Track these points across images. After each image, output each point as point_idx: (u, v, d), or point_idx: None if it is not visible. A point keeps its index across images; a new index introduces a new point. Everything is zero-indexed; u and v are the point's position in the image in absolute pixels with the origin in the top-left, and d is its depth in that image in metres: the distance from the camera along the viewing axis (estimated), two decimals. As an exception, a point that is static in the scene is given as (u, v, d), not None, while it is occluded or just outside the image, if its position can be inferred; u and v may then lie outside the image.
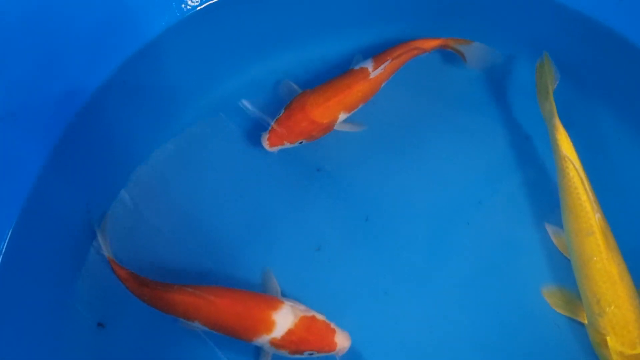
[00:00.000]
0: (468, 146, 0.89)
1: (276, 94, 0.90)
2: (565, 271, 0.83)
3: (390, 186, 0.87)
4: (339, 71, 0.88)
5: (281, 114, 0.83)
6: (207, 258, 0.84)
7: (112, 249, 0.81)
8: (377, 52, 0.89)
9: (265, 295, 0.77)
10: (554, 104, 0.83)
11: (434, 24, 0.92)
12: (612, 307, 0.78)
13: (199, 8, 0.92)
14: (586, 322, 0.80)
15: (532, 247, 0.85)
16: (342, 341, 0.74)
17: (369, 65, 0.85)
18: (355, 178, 0.87)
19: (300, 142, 0.83)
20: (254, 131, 0.88)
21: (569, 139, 0.83)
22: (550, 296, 0.84)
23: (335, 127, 0.85)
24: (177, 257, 0.84)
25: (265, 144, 0.82)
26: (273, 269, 0.81)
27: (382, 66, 0.84)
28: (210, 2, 0.92)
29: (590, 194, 0.80)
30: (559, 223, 0.83)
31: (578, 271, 0.80)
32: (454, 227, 0.85)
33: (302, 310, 0.74)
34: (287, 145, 0.84)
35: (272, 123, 0.83)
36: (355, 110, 0.85)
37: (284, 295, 0.79)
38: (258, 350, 0.78)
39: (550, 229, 0.85)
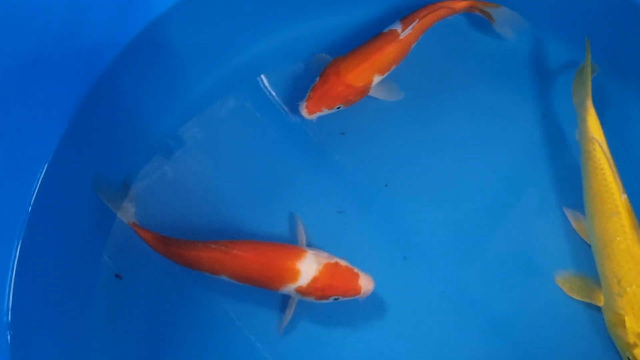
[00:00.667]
0: (489, 119, 0.90)
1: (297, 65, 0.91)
2: (581, 254, 0.84)
3: (410, 154, 0.88)
4: (367, 37, 0.87)
5: (316, 81, 0.83)
6: (230, 221, 0.85)
7: (135, 211, 0.82)
8: (404, 15, 0.88)
9: (288, 245, 0.80)
10: (590, 85, 0.83)
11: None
12: (634, 287, 0.79)
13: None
14: (602, 304, 0.80)
15: (550, 227, 0.86)
16: (365, 284, 0.77)
17: (397, 27, 0.86)
18: (378, 144, 0.88)
19: (338, 107, 0.85)
20: (281, 95, 0.90)
21: (598, 121, 0.83)
22: (564, 283, 0.86)
23: (371, 94, 0.86)
24: (200, 219, 0.85)
25: (304, 112, 0.84)
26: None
27: (411, 26, 0.85)
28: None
29: (617, 176, 0.80)
30: (577, 206, 0.84)
31: (599, 253, 0.81)
32: (472, 201, 0.87)
33: (325, 258, 0.76)
34: (325, 111, 0.85)
35: (308, 91, 0.83)
36: (389, 72, 0.86)
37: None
38: (269, 307, 0.81)
39: (569, 213, 0.86)
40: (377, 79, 0.87)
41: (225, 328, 0.83)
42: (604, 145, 0.81)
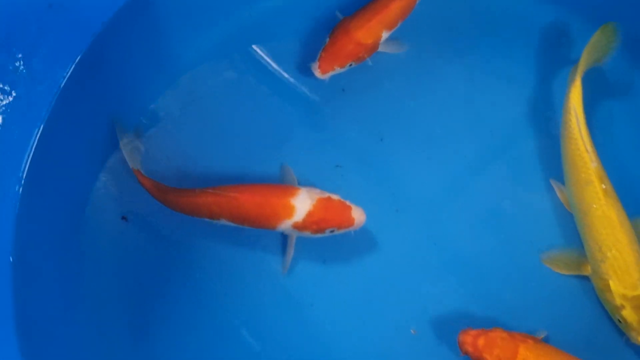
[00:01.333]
0: (489, 81, 0.94)
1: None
2: (568, 226, 0.88)
3: (407, 110, 0.92)
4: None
5: (326, 42, 0.86)
6: (230, 175, 0.89)
7: (142, 160, 0.86)
8: None
9: (281, 184, 0.84)
10: (586, 58, 0.86)
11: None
12: (613, 251, 0.83)
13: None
14: (590, 272, 0.85)
15: (538, 192, 0.90)
16: (358, 216, 0.81)
17: None
18: (375, 100, 0.92)
19: (350, 65, 0.88)
20: (284, 52, 0.93)
21: (580, 94, 0.86)
22: (550, 262, 0.89)
23: (380, 49, 0.88)
24: (202, 172, 0.89)
25: (317, 72, 0.87)
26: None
27: None
28: None
29: (589, 145, 0.84)
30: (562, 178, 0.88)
31: (580, 222, 0.86)
32: (465, 159, 0.91)
33: (318, 193, 0.81)
34: (338, 70, 0.87)
35: (320, 52, 0.86)
36: (396, 28, 0.88)
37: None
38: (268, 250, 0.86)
39: (555, 184, 0.89)
40: (385, 34, 0.89)
41: (226, 272, 0.88)
42: (580, 115, 0.84)
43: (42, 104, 0.84)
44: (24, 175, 0.82)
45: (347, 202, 0.81)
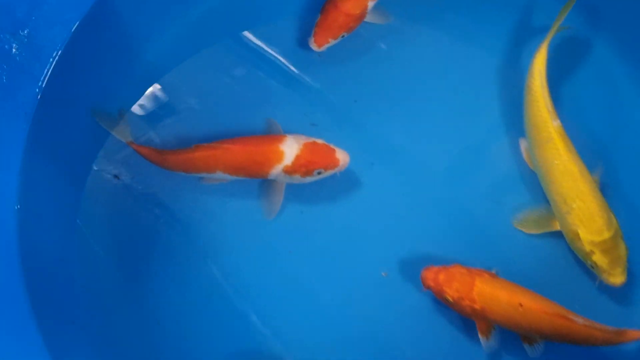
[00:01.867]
0: (454, 50, 1.00)
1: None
2: (533, 185, 0.94)
3: (379, 73, 0.98)
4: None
5: (319, 17, 0.93)
6: (216, 135, 0.94)
7: (131, 131, 0.93)
8: None
9: (270, 134, 0.91)
10: (556, 26, 0.91)
11: None
12: (578, 202, 0.87)
13: None
14: (559, 227, 0.90)
15: (503, 158, 0.96)
16: (342, 157, 0.88)
17: None
18: (350, 64, 0.98)
19: (342, 36, 0.95)
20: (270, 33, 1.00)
21: (544, 59, 0.92)
22: (521, 225, 0.94)
23: (367, 19, 0.96)
24: (190, 134, 0.96)
25: (314, 45, 0.94)
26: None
27: None
28: None
29: (549, 105, 0.89)
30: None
31: (544, 178, 0.91)
32: (434, 116, 0.97)
33: (304, 138, 0.88)
34: (332, 41, 0.95)
35: (314, 27, 0.93)
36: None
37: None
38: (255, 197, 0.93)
39: (523, 143, 0.94)
40: (371, 3, 0.96)
41: (213, 223, 0.94)
42: (543, 79, 0.89)
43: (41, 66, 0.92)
44: (27, 137, 0.91)
45: (331, 145, 0.87)
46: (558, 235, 0.92)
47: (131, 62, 1.00)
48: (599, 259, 0.87)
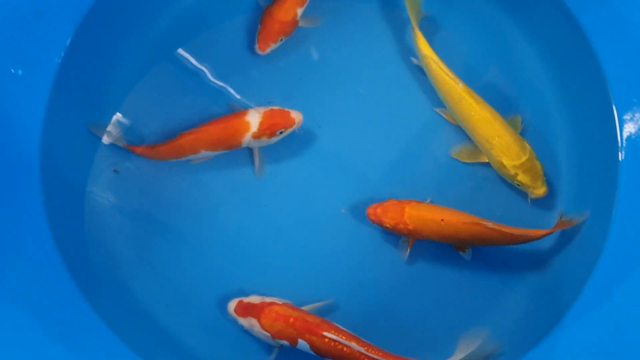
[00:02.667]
0: (371, 38, 1.13)
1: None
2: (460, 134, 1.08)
3: (318, 52, 1.12)
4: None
5: (259, 27, 1.09)
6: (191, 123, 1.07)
7: (123, 136, 1.06)
8: None
9: (235, 112, 1.04)
10: (414, 15, 1.07)
11: None
12: (497, 139, 1.02)
13: None
14: (487, 159, 1.05)
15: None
16: (297, 116, 1.02)
17: None
18: (295, 53, 1.12)
19: (281, 40, 1.09)
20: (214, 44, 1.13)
21: (425, 41, 1.05)
22: (457, 154, 1.07)
23: (300, 24, 1.10)
24: (171, 130, 1.07)
25: (259, 50, 1.08)
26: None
27: None
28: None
29: (451, 74, 1.03)
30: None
31: (466, 128, 1.06)
32: (368, 88, 1.11)
33: (262, 108, 1.03)
34: (273, 45, 1.08)
35: (257, 35, 1.08)
36: (307, 4, 1.11)
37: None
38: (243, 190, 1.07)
39: (439, 110, 1.09)
40: (300, 11, 1.10)
41: (203, 191, 1.06)
42: (435, 58, 1.04)
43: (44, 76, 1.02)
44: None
45: (286, 109, 1.03)
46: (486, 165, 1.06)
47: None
48: (522, 177, 1.01)
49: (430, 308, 1.04)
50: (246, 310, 0.95)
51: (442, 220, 0.98)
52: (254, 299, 0.96)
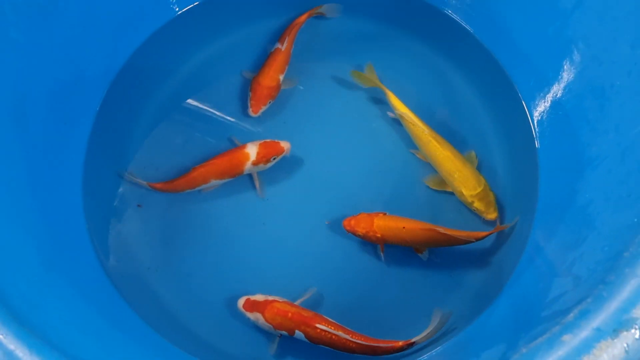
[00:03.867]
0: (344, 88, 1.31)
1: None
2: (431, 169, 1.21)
3: (296, 102, 1.30)
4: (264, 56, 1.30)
5: (250, 94, 1.24)
6: (199, 159, 1.24)
7: (143, 178, 1.20)
8: (278, 34, 1.30)
9: (236, 147, 1.19)
10: (378, 83, 1.24)
11: (302, 7, 1.33)
12: (457, 173, 1.15)
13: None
14: (451, 189, 1.17)
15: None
16: (285, 144, 1.18)
17: (278, 44, 1.27)
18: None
19: (270, 102, 1.25)
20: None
21: (396, 98, 1.22)
22: (429, 182, 1.19)
23: (283, 86, 1.26)
24: (178, 168, 1.24)
25: (252, 113, 1.23)
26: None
27: (285, 40, 1.27)
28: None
29: (419, 122, 1.19)
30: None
31: (434, 165, 1.19)
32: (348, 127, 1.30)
33: (258, 141, 1.18)
34: (264, 107, 1.24)
35: (249, 101, 1.24)
36: (286, 70, 1.27)
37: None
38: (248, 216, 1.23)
39: (414, 152, 1.23)
40: (281, 77, 1.26)
41: (211, 210, 1.20)
42: (407, 111, 1.20)
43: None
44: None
45: (276, 140, 1.18)
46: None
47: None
48: (477, 205, 1.15)
49: (400, 298, 1.16)
50: (252, 306, 1.09)
51: (404, 227, 1.11)
52: (259, 297, 1.09)
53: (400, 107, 1.22)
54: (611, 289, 0.71)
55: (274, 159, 1.19)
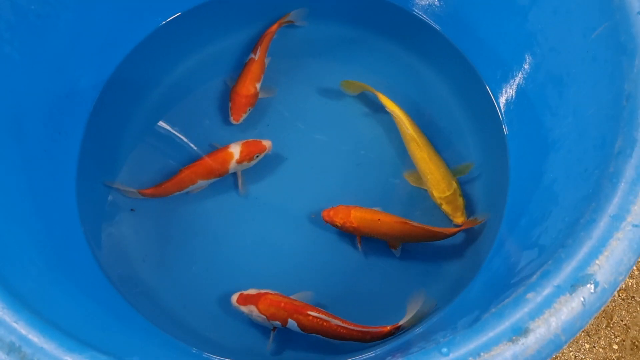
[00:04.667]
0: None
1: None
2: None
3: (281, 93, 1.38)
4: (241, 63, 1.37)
5: (230, 104, 1.30)
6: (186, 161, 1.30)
7: (133, 186, 1.24)
8: (252, 44, 1.36)
9: (220, 148, 1.25)
10: (367, 87, 1.30)
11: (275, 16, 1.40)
12: (429, 174, 1.21)
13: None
14: (427, 187, 1.23)
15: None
16: (267, 143, 1.24)
17: (252, 55, 1.33)
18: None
19: (249, 110, 1.30)
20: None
21: (387, 98, 1.28)
22: (408, 177, 1.25)
23: (260, 95, 1.32)
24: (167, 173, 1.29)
25: (233, 121, 1.29)
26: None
27: (258, 50, 1.33)
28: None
29: (405, 122, 1.25)
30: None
31: (414, 164, 1.25)
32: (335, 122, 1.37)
33: (240, 141, 1.24)
34: (244, 115, 1.29)
35: (229, 110, 1.29)
36: (262, 79, 1.33)
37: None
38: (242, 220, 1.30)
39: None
40: (258, 85, 1.31)
41: (200, 209, 1.25)
42: (398, 112, 1.27)
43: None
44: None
45: (258, 139, 1.24)
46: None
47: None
48: (446, 207, 1.21)
49: (381, 286, 1.22)
50: (246, 299, 1.13)
51: (379, 219, 1.16)
52: (252, 291, 1.14)
53: (390, 105, 1.28)
54: (568, 251, 0.78)
55: (257, 156, 1.25)
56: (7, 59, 1.10)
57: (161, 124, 1.34)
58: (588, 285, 0.77)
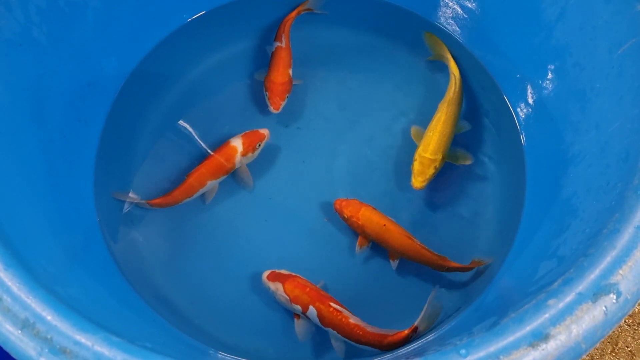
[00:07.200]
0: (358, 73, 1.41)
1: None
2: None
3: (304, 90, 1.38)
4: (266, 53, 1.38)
5: (267, 94, 1.30)
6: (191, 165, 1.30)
7: (141, 197, 1.24)
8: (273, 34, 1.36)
9: (221, 145, 1.26)
10: (444, 48, 1.34)
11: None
12: (429, 133, 1.23)
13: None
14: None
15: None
16: (265, 131, 1.26)
17: (277, 43, 1.34)
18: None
19: (287, 97, 1.31)
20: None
21: (455, 65, 1.31)
22: (414, 130, 1.27)
23: (294, 82, 1.33)
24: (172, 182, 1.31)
25: (273, 110, 1.29)
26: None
27: (282, 37, 1.34)
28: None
29: (456, 86, 1.28)
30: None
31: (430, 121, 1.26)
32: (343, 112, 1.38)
33: (240, 134, 1.26)
34: (283, 103, 1.29)
35: (267, 100, 1.30)
36: (292, 66, 1.34)
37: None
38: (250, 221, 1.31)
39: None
40: (290, 72, 1.32)
41: (210, 211, 1.26)
42: (456, 78, 1.28)
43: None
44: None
45: (256, 129, 1.26)
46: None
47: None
48: (415, 166, 1.20)
49: (394, 290, 1.23)
50: (276, 277, 1.15)
51: (384, 225, 1.17)
52: (284, 271, 1.16)
53: (454, 69, 1.32)
54: (591, 260, 0.78)
55: (259, 145, 1.26)
56: (34, 43, 1.13)
57: (180, 120, 1.36)
58: (611, 295, 0.76)
